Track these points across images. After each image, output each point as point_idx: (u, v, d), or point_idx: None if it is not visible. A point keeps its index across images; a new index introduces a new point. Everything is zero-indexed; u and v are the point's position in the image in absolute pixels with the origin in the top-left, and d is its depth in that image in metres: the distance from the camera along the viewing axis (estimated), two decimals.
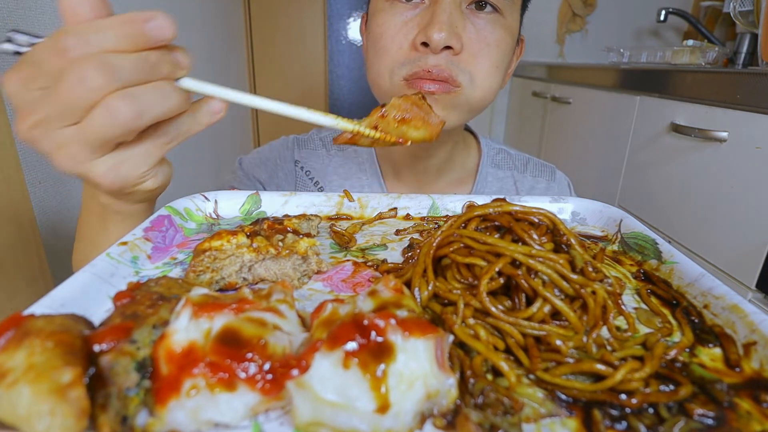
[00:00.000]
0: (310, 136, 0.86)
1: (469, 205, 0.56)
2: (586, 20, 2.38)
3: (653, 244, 0.47)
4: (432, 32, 0.56)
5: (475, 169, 0.84)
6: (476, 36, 0.60)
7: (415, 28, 0.60)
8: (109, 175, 0.39)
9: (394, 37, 0.61)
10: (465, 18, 0.60)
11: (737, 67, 1.64)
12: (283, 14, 2.51)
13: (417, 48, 0.59)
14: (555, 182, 0.86)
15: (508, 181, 0.84)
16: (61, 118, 0.36)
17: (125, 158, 0.40)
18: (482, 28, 0.60)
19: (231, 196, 0.57)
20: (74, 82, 0.34)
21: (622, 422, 0.26)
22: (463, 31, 0.59)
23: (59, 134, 0.37)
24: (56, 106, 0.35)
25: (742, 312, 0.34)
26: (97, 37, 0.35)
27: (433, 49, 0.57)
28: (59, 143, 0.37)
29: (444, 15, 0.57)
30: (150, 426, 0.25)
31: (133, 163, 0.40)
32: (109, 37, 0.35)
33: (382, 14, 0.62)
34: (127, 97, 0.35)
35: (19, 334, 0.24)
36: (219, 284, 0.40)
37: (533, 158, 0.88)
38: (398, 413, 0.25)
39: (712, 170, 1.14)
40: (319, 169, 0.83)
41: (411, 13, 0.60)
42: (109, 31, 0.35)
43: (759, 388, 0.29)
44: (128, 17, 0.35)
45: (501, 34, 0.62)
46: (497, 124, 2.59)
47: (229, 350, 0.25)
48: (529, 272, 0.33)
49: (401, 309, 0.29)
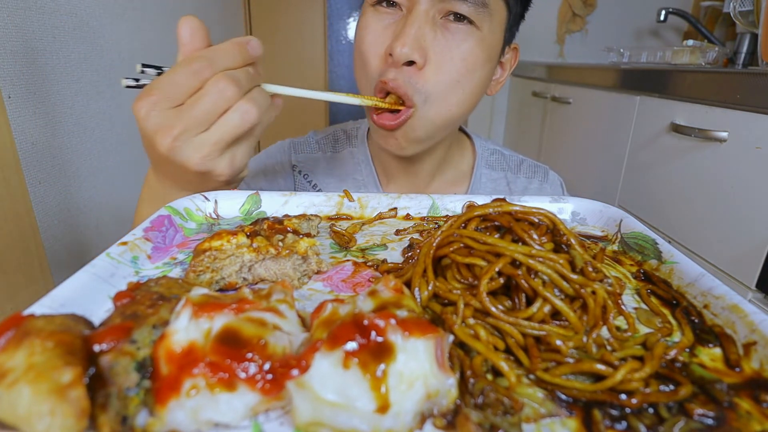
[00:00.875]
0: (306, 138, 0.86)
1: (469, 205, 0.56)
2: (586, 20, 2.38)
3: (653, 244, 0.47)
4: (396, 46, 0.57)
5: (470, 170, 0.84)
6: (443, 48, 0.60)
7: (390, 38, 0.61)
8: (228, 168, 0.49)
9: (373, 43, 0.62)
10: (436, 29, 0.60)
11: (737, 67, 1.64)
12: (283, 14, 2.51)
13: (386, 58, 0.61)
14: (548, 183, 0.86)
15: (501, 182, 0.84)
16: (199, 126, 0.45)
17: (236, 152, 0.49)
18: (450, 40, 0.60)
19: (231, 196, 0.57)
20: (215, 94, 0.44)
21: (622, 422, 0.26)
22: (432, 42, 0.59)
23: (197, 140, 0.46)
24: (196, 116, 0.45)
25: (742, 312, 0.34)
26: (220, 60, 0.46)
27: (395, 63, 0.59)
28: (196, 147, 0.46)
29: (411, 28, 0.58)
30: (150, 426, 0.25)
31: (241, 156, 0.50)
32: (228, 58, 0.46)
33: (368, 16, 0.64)
34: (251, 101, 0.46)
35: (19, 334, 0.24)
36: (219, 284, 0.40)
37: (527, 159, 0.88)
38: (398, 413, 0.25)
39: (712, 170, 1.14)
40: (316, 171, 0.83)
41: (391, 19, 0.62)
42: (227, 54, 0.46)
43: (759, 388, 0.29)
44: (236, 41, 0.47)
45: (469, 46, 0.61)
46: (497, 124, 2.59)
47: (229, 350, 0.25)
48: (529, 272, 0.33)
49: (401, 309, 0.29)
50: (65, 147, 0.99)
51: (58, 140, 0.97)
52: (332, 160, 0.84)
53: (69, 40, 0.98)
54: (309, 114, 2.67)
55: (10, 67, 0.83)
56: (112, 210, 1.17)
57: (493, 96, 2.61)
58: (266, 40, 2.53)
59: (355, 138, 0.85)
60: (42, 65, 0.91)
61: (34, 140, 0.88)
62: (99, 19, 1.10)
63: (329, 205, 0.58)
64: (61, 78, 0.98)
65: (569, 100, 1.86)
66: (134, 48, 1.27)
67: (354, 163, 0.83)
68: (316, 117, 2.69)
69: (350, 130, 0.87)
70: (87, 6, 1.05)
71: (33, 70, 0.89)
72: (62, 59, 0.97)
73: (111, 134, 1.17)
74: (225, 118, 0.46)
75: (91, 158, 1.10)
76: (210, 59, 0.45)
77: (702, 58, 1.57)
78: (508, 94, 2.54)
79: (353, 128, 0.87)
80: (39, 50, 0.90)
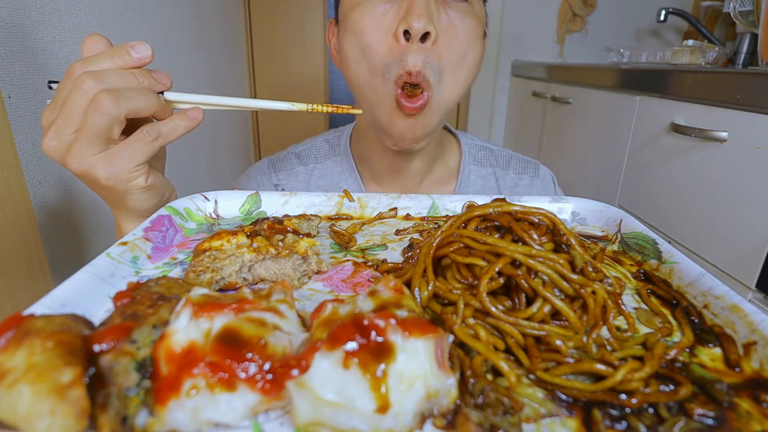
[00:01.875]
0: (286, 154, 0.85)
1: (469, 205, 0.56)
2: (586, 20, 2.38)
3: (653, 244, 0.47)
4: (412, 20, 0.58)
5: (457, 168, 0.84)
6: (448, 24, 0.62)
7: (394, 19, 0.61)
8: (106, 168, 0.47)
9: (376, 31, 0.62)
10: (439, 7, 0.62)
11: (737, 67, 1.63)
12: (283, 14, 2.51)
13: (398, 39, 0.60)
14: (539, 178, 0.85)
15: (490, 179, 0.84)
16: (68, 125, 0.46)
17: (117, 153, 0.48)
18: (453, 16, 0.63)
19: (231, 196, 0.57)
20: (74, 90, 0.45)
21: (622, 422, 0.26)
22: (438, 19, 0.61)
23: (68, 139, 0.46)
24: (63, 116, 0.46)
25: (742, 312, 0.34)
26: (95, 61, 0.47)
27: (414, 37, 0.59)
28: (68, 145, 0.46)
29: (421, 1, 0.59)
30: (150, 426, 0.25)
31: (124, 158, 0.48)
32: (104, 60, 0.47)
33: (360, 9, 0.63)
34: (110, 92, 0.45)
35: (19, 334, 0.24)
36: (219, 284, 0.40)
37: (517, 155, 0.88)
38: (398, 413, 0.25)
39: (712, 170, 1.14)
40: (300, 187, 0.82)
41: (388, 5, 0.62)
42: (104, 56, 0.47)
43: (759, 388, 0.29)
44: (118, 46, 0.48)
45: (470, 22, 0.64)
46: (497, 124, 2.59)
47: (229, 350, 0.25)
48: (529, 272, 0.33)
49: (401, 309, 0.29)
50: None
51: None
52: (315, 171, 0.83)
53: (69, 40, 0.98)
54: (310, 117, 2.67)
55: (10, 67, 0.83)
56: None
57: (493, 96, 2.61)
58: (266, 40, 2.53)
59: (338, 146, 0.85)
60: (42, 65, 0.91)
61: (34, 140, 0.88)
62: (99, 19, 1.10)
63: (329, 205, 0.58)
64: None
65: (569, 100, 1.86)
66: None
67: (338, 172, 0.82)
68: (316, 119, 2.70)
69: (332, 139, 0.86)
70: (87, 6, 1.05)
71: (33, 70, 0.89)
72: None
73: None
74: (87, 113, 0.45)
75: None
76: (84, 62, 0.47)
77: (702, 58, 1.57)
78: (508, 94, 2.54)
79: (335, 137, 0.87)
80: (39, 50, 0.90)
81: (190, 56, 1.63)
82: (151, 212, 0.52)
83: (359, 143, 0.81)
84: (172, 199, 0.57)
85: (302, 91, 2.65)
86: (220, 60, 2.02)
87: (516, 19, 2.36)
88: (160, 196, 0.55)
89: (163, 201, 0.55)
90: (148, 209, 0.53)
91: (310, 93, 2.66)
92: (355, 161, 0.82)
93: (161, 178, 0.55)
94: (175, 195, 0.59)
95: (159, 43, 1.41)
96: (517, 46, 2.41)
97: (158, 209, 0.52)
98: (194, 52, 1.68)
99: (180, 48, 1.56)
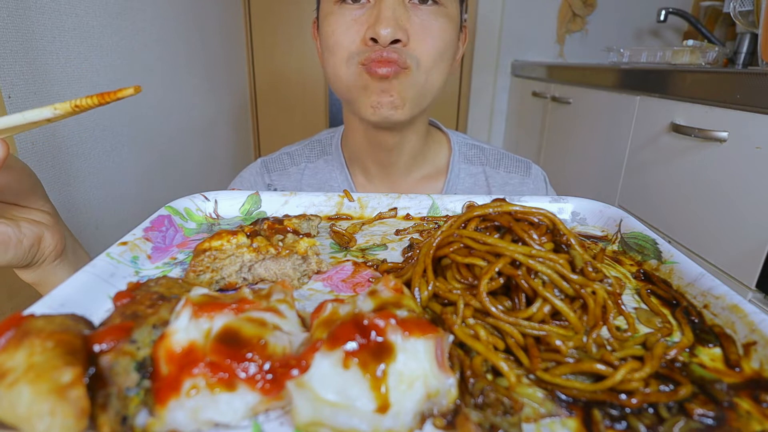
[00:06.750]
0: (278, 155, 0.86)
1: (469, 205, 0.56)
2: (586, 20, 2.38)
3: (653, 244, 0.47)
4: (379, 29, 0.59)
5: (446, 165, 0.84)
6: (420, 26, 0.63)
7: (363, 26, 0.62)
8: None
9: (345, 33, 0.64)
10: (408, 11, 0.63)
11: (737, 67, 1.63)
12: (283, 14, 2.51)
13: (367, 44, 0.62)
14: (530, 177, 0.85)
15: (480, 177, 0.84)
16: None
17: None
18: (425, 18, 0.64)
19: (231, 196, 0.57)
20: None
21: (622, 422, 0.26)
22: (408, 23, 0.62)
23: None
24: None
25: (742, 312, 0.34)
26: None
27: (382, 44, 0.60)
28: None
29: (388, 11, 0.60)
30: (150, 426, 0.25)
31: None
32: None
33: (332, 17, 0.65)
34: None
35: (19, 334, 0.24)
36: (219, 284, 0.40)
37: (508, 153, 0.87)
38: (398, 413, 0.25)
39: (712, 170, 1.14)
40: (292, 187, 0.84)
41: (359, 12, 0.63)
42: None
43: (759, 388, 0.29)
44: None
45: (442, 22, 0.65)
46: (497, 124, 2.59)
47: (229, 350, 0.25)
48: (529, 272, 0.33)
49: (401, 309, 0.28)
50: (65, 147, 0.99)
51: (58, 140, 0.97)
52: (306, 170, 0.84)
53: (69, 40, 0.98)
54: (310, 116, 2.67)
55: (10, 67, 0.83)
56: (112, 210, 1.17)
57: (493, 96, 2.60)
58: (266, 39, 2.53)
59: (330, 146, 0.86)
60: (42, 65, 0.91)
61: (34, 140, 0.88)
62: (99, 19, 1.10)
63: (329, 205, 0.58)
64: (61, 78, 0.98)
65: (569, 100, 1.86)
66: (134, 48, 1.27)
67: (329, 170, 0.83)
68: (316, 118, 2.70)
69: (325, 139, 0.88)
70: (87, 6, 1.05)
71: (33, 70, 0.89)
72: (62, 59, 0.97)
73: (111, 134, 1.17)
74: None
75: (91, 158, 1.10)
76: None
77: (702, 58, 1.57)
78: (508, 94, 2.54)
79: (327, 137, 0.88)
80: (39, 50, 0.90)
81: (189, 55, 1.63)
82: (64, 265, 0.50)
83: (349, 140, 0.82)
84: (52, 240, 0.50)
85: (302, 91, 2.65)
86: (219, 58, 2.02)
87: (516, 19, 2.36)
88: (32, 251, 0.47)
89: (42, 250, 0.49)
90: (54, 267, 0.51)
91: (310, 92, 2.66)
92: (345, 159, 0.83)
93: (12, 236, 0.45)
94: (58, 230, 0.52)
95: (159, 43, 1.41)
96: (517, 46, 2.41)
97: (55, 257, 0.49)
98: (193, 53, 1.68)
99: (180, 48, 1.56)
